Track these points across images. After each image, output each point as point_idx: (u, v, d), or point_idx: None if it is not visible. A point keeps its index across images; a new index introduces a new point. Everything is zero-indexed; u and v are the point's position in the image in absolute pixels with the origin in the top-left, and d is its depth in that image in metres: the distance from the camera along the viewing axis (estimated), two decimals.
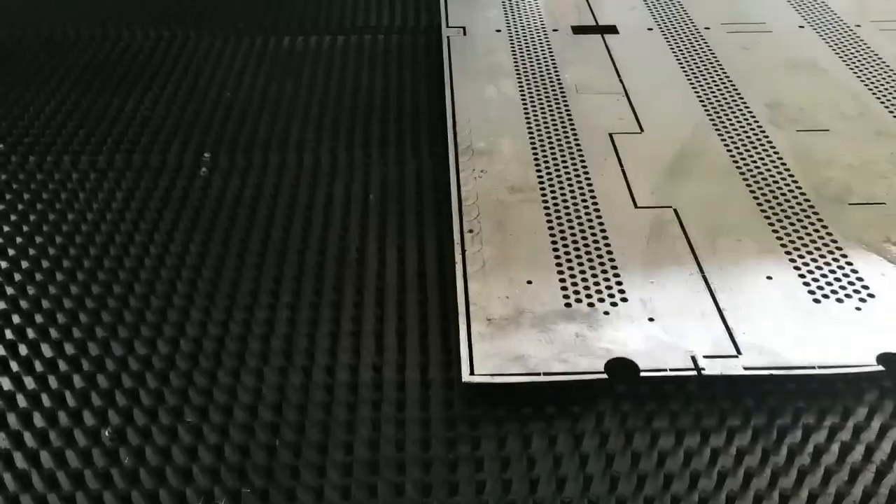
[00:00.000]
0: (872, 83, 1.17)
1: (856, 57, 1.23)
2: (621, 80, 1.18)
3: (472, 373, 0.73)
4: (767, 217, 0.92)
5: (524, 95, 1.15)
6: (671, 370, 0.73)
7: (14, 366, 0.75)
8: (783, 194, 0.96)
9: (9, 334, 0.79)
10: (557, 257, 0.86)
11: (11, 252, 0.90)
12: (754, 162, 1.01)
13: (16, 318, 0.80)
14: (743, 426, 0.69)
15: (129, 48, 1.33)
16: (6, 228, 0.93)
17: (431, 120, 1.12)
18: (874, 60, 1.22)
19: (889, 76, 1.18)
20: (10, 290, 0.84)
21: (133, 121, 1.14)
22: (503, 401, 0.71)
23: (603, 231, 0.90)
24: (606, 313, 0.80)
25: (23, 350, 0.77)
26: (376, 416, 0.70)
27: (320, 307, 0.81)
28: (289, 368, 0.74)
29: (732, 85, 1.17)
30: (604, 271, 0.85)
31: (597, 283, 0.83)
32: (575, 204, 0.94)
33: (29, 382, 0.73)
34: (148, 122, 1.14)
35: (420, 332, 0.79)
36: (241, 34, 1.35)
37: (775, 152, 1.03)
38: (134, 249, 0.90)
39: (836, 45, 1.27)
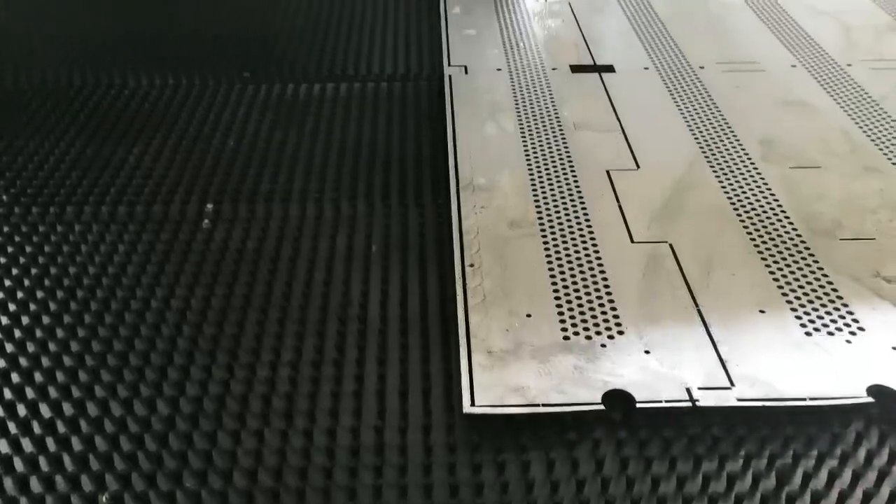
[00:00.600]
0: (862, 121, 1.20)
1: (846, 95, 1.27)
2: (618, 118, 1.22)
3: (472, 404, 0.75)
4: (760, 251, 0.95)
5: (524, 132, 1.18)
6: (666, 401, 0.75)
7: (12, 427, 0.74)
8: (775, 229, 0.98)
9: (7, 394, 0.77)
10: (556, 291, 0.89)
11: (12, 307, 0.89)
12: (747, 197, 1.04)
13: (15, 377, 0.80)
14: (734, 454, 0.71)
15: (134, 95, 1.34)
16: (7, 283, 0.93)
17: (434, 168, 1.13)
18: (864, 98, 1.26)
19: (878, 114, 1.22)
20: (9, 348, 0.83)
21: (137, 170, 1.14)
22: (503, 430, 0.73)
23: (600, 265, 0.93)
24: (603, 346, 0.82)
25: (21, 411, 0.76)
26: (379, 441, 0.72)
27: (321, 365, 0.81)
28: (289, 430, 0.74)
29: (726, 122, 1.20)
30: (601, 305, 0.87)
31: (594, 317, 0.86)
32: (573, 239, 0.97)
33: (27, 445, 0.72)
34: (151, 172, 1.14)
35: (422, 372, 0.80)
36: (246, 82, 1.37)
37: (768, 188, 1.06)
38: (135, 304, 0.89)
39: (827, 83, 1.30)
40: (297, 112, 1.28)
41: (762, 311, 0.86)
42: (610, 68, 1.36)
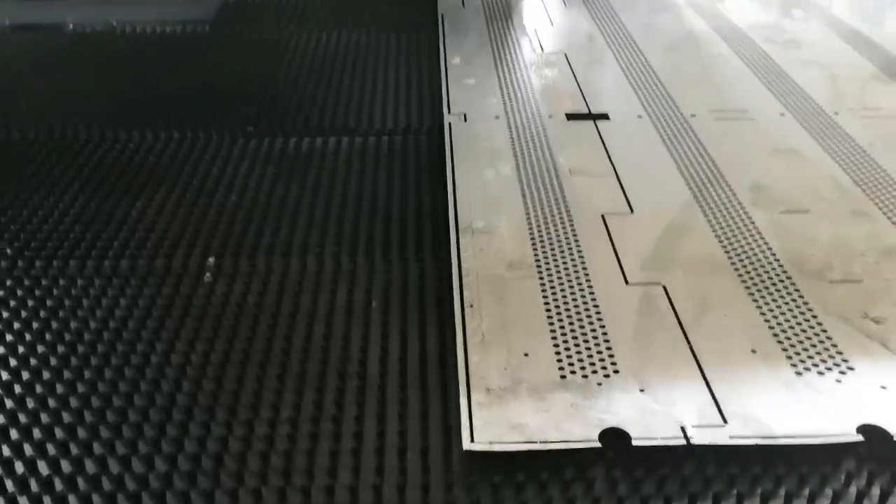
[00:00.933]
0: (849, 167, 1.24)
1: (834, 142, 1.31)
2: (612, 164, 1.25)
3: (472, 440, 0.77)
4: (751, 293, 0.97)
5: (521, 177, 1.22)
6: (661, 439, 0.77)
7: (10, 485, 0.74)
8: (766, 272, 1.01)
9: (6, 451, 0.78)
10: (553, 331, 0.91)
11: (13, 363, 0.89)
12: (738, 241, 1.07)
13: (13, 434, 0.80)
14: (727, 491, 0.72)
15: (139, 149, 1.35)
16: (9, 338, 0.93)
17: (435, 221, 1.14)
18: (851, 146, 1.30)
19: (865, 160, 1.25)
20: (9, 404, 0.84)
21: (140, 224, 1.15)
22: (501, 467, 0.75)
23: (596, 306, 0.95)
24: (599, 384, 0.84)
25: (19, 468, 0.76)
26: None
27: (320, 421, 0.81)
28: (287, 488, 0.74)
29: (717, 169, 1.24)
30: (597, 344, 0.89)
31: (590, 356, 0.88)
32: (569, 280, 0.99)
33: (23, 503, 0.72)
34: (154, 225, 1.14)
35: (421, 429, 0.80)
36: (249, 136, 1.38)
37: (758, 232, 1.09)
38: (135, 359, 0.89)
39: (815, 131, 1.34)
40: (299, 166, 1.30)
41: (754, 351, 0.88)
42: (605, 116, 1.40)
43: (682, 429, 0.78)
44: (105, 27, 1.91)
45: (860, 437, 0.77)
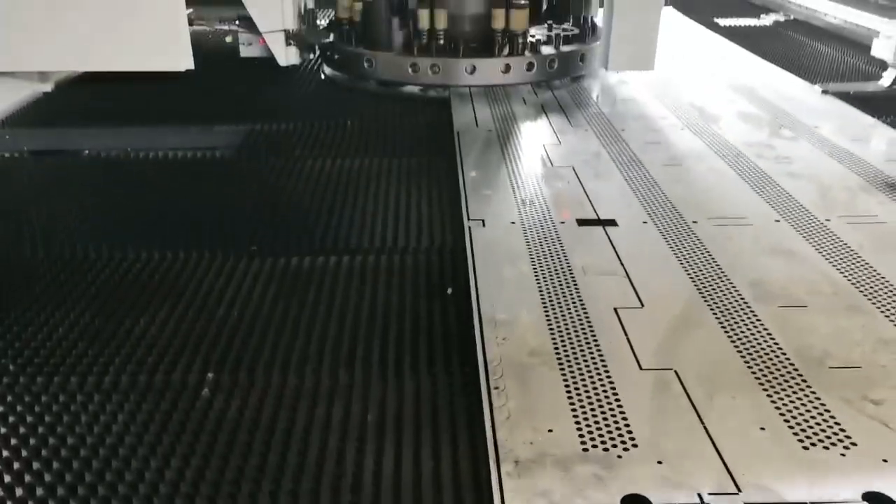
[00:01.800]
0: (842, 266, 1.33)
1: (826, 245, 1.41)
2: (622, 264, 1.35)
3: None
4: (757, 378, 1.05)
5: (537, 276, 1.31)
6: None
7: None
8: (770, 359, 1.09)
9: None
10: (574, 410, 0.98)
11: (7, 478, 0.91)
12: (743, 332, 1.15)
13: None
14: None
15: (145, 268, 1.38)
16: (5, 454, 0.95)
17: (431, 338, 1.17)
18: (842, 248, 1.40)
19: (856, 260, 1.35)
20: None
21: (142, 340, 1.17)
22: None
23: (613, 388, 1.02)
24: (619, 456, 0.90)
25: None
26: None
27: None
28: None
29: (720, 268, 1.33)
30: (615, 422, 0.96)
31: (609, 432, 0.94)
32: (587, 366, 1.07)
33: None
34: (156, 341, 1.17)
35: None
36: (254, 254, 1.42)
37: (761, 323, 1.17)
38: (129, 476, 0.91)
39: (808, 235, 1.45)
40: (300, 284, 1.32)
41: (762, 429, 0.95)
42: (612, 222, 1.51)
43: (700, 495, 0.84)
44: (120, 152, 1.97)
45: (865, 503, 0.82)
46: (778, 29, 3.50)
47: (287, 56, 2.50)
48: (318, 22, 2.69)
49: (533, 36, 2.44)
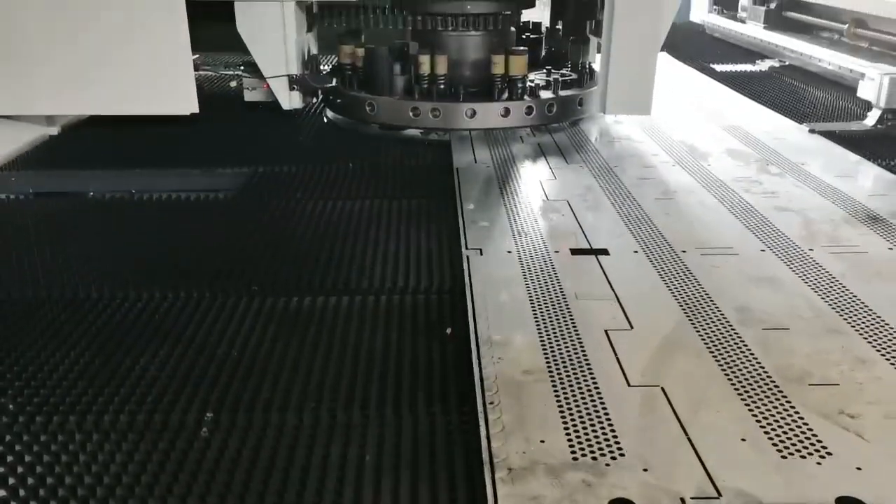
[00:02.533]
0: (823, 292, 1.39)
1: (809, 273, 1.47)
2: (613, 290, 1.41)
3: None
4: (740, 395, 1.10)
5: (532, 301, 1.37)
6: None
7: None
8: (753, 377, 1.14)
9: None
10: (565, 423, 1.03)
11: None
12: (728, 352, 1.21)
13: None
14: None
15: (146, 308, 1.39)
16: (2, 493, 0.95)
17: (430, 378, 1.19)
18: (824, 275, 1.46)
19: (837, 287, 1.41)
20: None
21: (141, 380, 1.18)
22: None
23: (602, 403, 1.08)
24: (607, 465, 0.95)
25: None
26: None
27: None
28: None
29: (706, 294, 1.39)
30: (604, 433, 1.01)
31: (598, 443, 1.00)
32: (578, 383, 1.13)
33: None
34: (155, 381, 1.18)
35: None
36: (254, 295, 1.44)
37: (745, 344, 1.23)
38: None
39: (792, 264, 1.51)
40: (300, 324, 1.34)
41: (744, 440, 1.00)
42: (604, 251, 1.58)
43: (682, 500, 0.89)
44: (124, 194, 2.00)
45: None
46: (772, 74, 3.60)
47: (290, 100, 2.57)
48: (321, 67, 2.77)
49: (532, 81, 2.52)
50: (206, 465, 1.00)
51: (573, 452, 0.98)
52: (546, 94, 2.52)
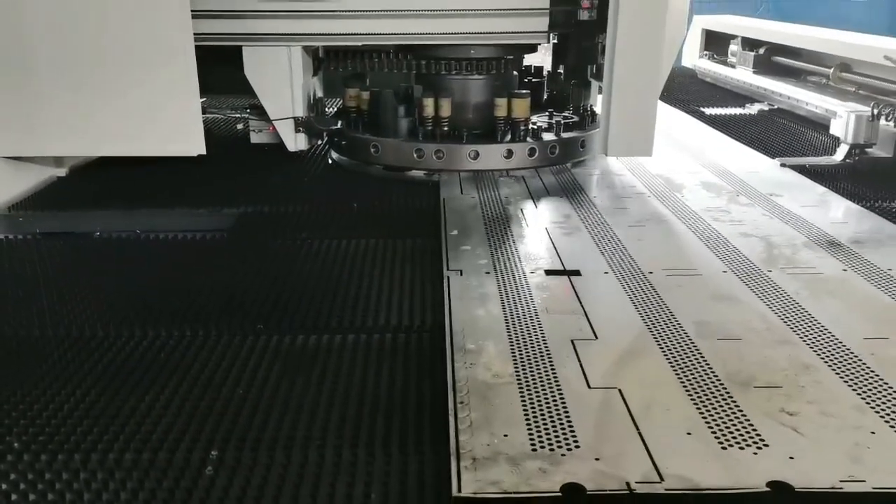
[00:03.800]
0: (777, 309, 1.50)
1: (765, 291, 1.58)
2: (582, 305, 1.51)
3: (459, 491, 0.97)
4: (690, 396, 1.20)
5: (506, 314, 1.47)
6: (611, 490, 0.97)
7: None
8: (703, 381, 1.24)
9: None
10: (527, 419, 1.13)
11: None
12: (683, 360, 1.31)
13: None
14: None
15: (151, 346, 1.41)
16: None
17: (433, 416, 1.20)
18: (780, 294, 1.56)
19: (791, 304, 1.51)
20: None
21: (147, 418, 1.17)
22: None
23: (563, 403, 1.18)
24: (563, 455, 1.05)
25: None
26: None
27: None
28: None
29: (669, 310, 1.50)
30: (563, 429, 1.11)
31: (557, 436, 1.09)
32: (542, 385, 1.22)
33: None
34: (160, 419, 1.17)
35: None
36: (259, 333, 1.46)
37: (700, 353, 1.33)
38: None
39: (750, 283, 1.62)
40: (304, 362, 1.36)
41: (689, 434, 1.10)
42: (577, 272, 1.68)
43: (627, 483, 0.99)
44: (130, 234, 2.02)
45: (768, 489, 0.97)
46: (760, 116, 3.70)
47: (296, 142, 2.63)
48: (326, 110, 2.82)
49: (534, 123, 2.56)
50: None
51: (532, 445, 1.07)
52: (549, 136, 2.56)
